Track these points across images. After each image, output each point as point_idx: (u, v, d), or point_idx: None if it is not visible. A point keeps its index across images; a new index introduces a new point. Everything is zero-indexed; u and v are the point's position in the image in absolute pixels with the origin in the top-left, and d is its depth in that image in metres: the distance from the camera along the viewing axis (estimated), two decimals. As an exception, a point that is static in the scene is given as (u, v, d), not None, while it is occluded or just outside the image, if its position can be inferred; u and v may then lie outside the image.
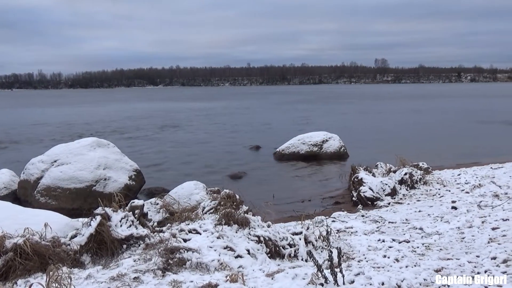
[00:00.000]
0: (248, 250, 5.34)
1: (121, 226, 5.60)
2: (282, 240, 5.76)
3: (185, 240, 5.48)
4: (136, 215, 5.97)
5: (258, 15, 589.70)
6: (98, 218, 5.41)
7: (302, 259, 5.57)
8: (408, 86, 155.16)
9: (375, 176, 10.94)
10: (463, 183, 10.81)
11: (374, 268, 4.91)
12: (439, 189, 10.46)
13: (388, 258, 5.27)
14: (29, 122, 34.26)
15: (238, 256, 5.23)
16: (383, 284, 4.30)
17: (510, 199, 8.44)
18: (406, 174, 10.84)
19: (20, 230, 5.05)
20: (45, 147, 12.32)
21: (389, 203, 9.65)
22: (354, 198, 10.26)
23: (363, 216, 8.36)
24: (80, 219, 5.99)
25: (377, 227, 7.22)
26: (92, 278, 4.56)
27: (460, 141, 21.31)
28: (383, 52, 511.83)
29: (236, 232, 5.73)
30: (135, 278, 4.49)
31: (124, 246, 5.44)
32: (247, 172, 14.51)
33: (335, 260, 4.35)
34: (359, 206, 9.64)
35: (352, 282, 4.37)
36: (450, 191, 10.12)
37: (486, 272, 4.61)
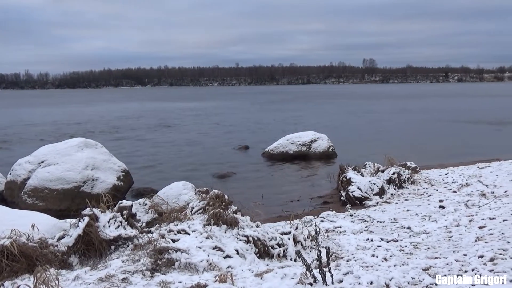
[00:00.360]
0: (237, 250, 5.34)
1: (109, 227, 5.58)
2: (271, 240, 5.77)
3: (173, 241, 5.47)
4: (124, 216, 5.95)
5: (247, 15, 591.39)
6: (86, 219, 5.38)
7: (291, 259, 5.58)
8: (396, 86, 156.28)
9: (363, 176, 11.00)
10: (450, 182, 10.89)
11: (362, 267, 4.94)
12: (426, 188, 10.54)
13: (377, 257, 5.30)
14: (18, 122, 33.83)
15: (227, 256, 5.22)
16: (371, 283, 4.32)
17: (497, 198, 8.53)
18: (394, 173, 10.91)
19: (7, 232, 5.00)
20: (34, 148, 12.17)
21: (377, 203, 9.70)
22: (342, 198, 10.30)
23: (351, 215, 8.39)
24: (68, 220, 5.95)
25: (365, 227, 7.26)
26: (80, 279, 4.53)
27: (448, 140, 21.48)
28: (371, 52, 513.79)
29: (225, 232, 5.72)
30: (123, 279, 4.47)
31: (113, 247, 5.41)
32: (236, 172, 14.50)
33: (324, 259, 4.37)
34: (348, 206, 9.67)
35: (341, 281, 4.39)
36: (437, 190, 10.20)
37: (473, 270, 4.65)
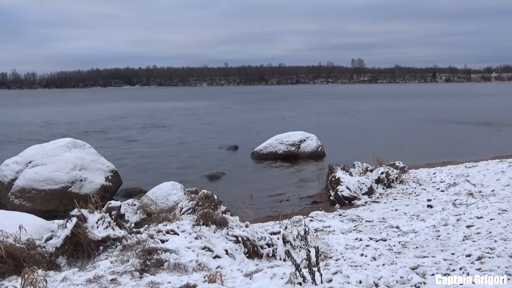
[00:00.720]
0: (226, 250, 5.34)
1: (97, 227, 5.54)
2: (260, 240, 5.77)
3: (162, 241, 5.44)
4: (113, 216, 5.92)
5: (235, 15, 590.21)
6: (74, 220, 5.34)
7: (281, 259, 5.59)
8: (384, 86, 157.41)
9: (352, 176, 11.04)
10: (438, 181, 10.97)
11: (351, 266, 4.96)
12: (415, 188, 10.61)
13: (365, 256, 5.33)
14: (6, 122, 33.42)
15: (216, 256, 5.22)
16: (360, 282, 4.35)
17: (484, 197, 8.62)
18: (382, 173, 10.98)
19: (-6, 233, 4.95)
20: (23, 148, 12.04)
21: (366, 202, 9.74)
22: (331, 198, 10.32)
23: (340, 215, 8.42)
24: (56, 221, 5.92)
25: (354, 226, 7.29)
26: (68, 280, 4.49)
27: (436, 140, 21.64)
28: (360, 53, 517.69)
29: (214, 233, 5.71)
30: (112, 280, 4.45)
31: (101, 247, 5.38)
32: (225, 172, 14.48)
33: (313, 259, 4.38)
34: (337, 205, 9.70)
35: (330, 281, 4.41)
36: (425, 189, 10.27)
37: (461, 269, 4.70)
